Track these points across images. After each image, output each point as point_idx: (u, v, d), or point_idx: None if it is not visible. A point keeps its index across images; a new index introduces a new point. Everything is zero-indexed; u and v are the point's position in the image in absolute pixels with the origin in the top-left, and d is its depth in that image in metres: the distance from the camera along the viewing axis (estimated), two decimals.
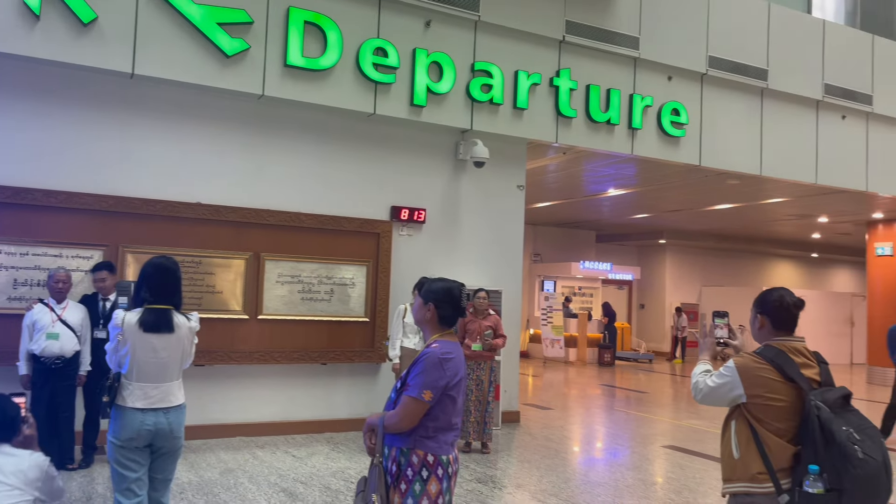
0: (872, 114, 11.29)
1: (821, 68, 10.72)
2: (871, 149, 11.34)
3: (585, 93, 8.81)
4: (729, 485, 2.70)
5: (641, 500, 5.65)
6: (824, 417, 2.47)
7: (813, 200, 12.79)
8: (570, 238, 19.22)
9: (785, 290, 2.82)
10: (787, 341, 2.73)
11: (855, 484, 2.39)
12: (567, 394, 11.86)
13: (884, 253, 14.61)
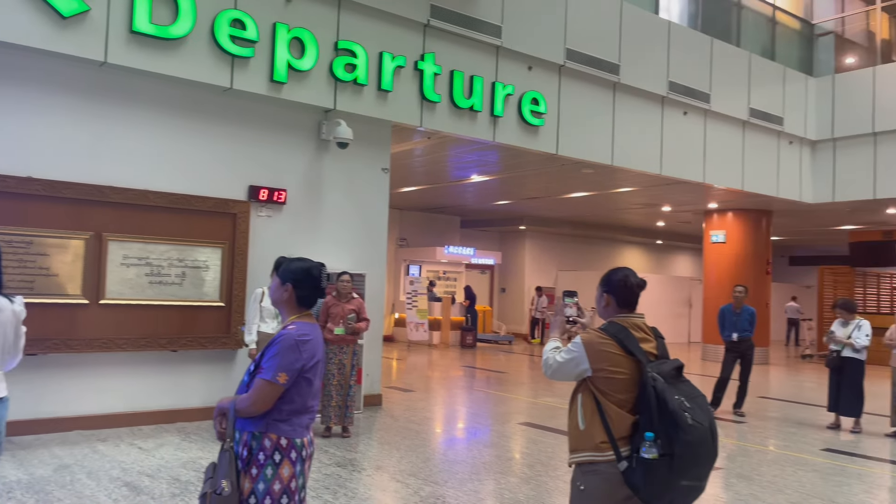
0: (710, 111, 12.25)
1: (666, 66, 11.47)
2: (709, 144, 12.31)
3: (449, 78, 8.89)
4: (575, 455, 2.82)
5: (498, 475, 5.83)
6: (659, 387, 2.63)
7: (658, 190, 13.71)
8: (435, 223, 19.45)
9: (629, 269, 2.96)
10: (629, 318, 2.88)
11: (685, 448, 2.55)
12: (430, 376, 12.02)
13: (717, 240, 15.97)
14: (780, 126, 13.33)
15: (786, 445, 7.50)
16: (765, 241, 15.90)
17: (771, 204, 14.72)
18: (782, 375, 14.04)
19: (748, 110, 12.79)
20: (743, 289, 9.18)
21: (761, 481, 5.95)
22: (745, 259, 15.54)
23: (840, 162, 13.71)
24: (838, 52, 14.88)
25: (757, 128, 13.08)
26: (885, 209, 14.96)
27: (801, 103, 13.80)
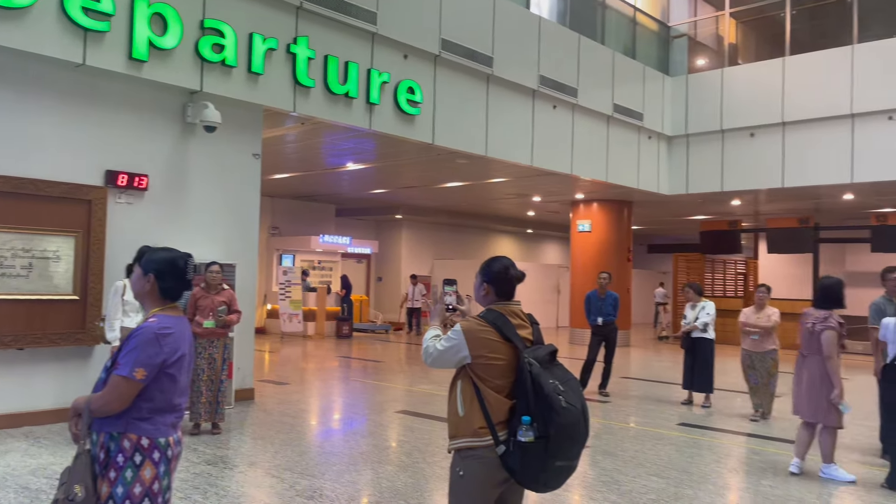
0: (578, 106, 12.77)
1: (537, 60, 11.83)
2: (576, 137, 12.84)
3: (324, 63, 8.69)
4: (454, 441, 2.84)
5: (375, 465, 5.81)
6: (535, 372, 2.70)
7: (529, 181, 14.15)
8: (309, 211, 19.05)
9: (508, 260, 3.02)
10: (506, 305, 2.94)
11: (559, 430, 2.64)
12: (305, 368, 11.79)
13: (584, 229, 16.74)
14: (641, 122, 14.14)
15: (646, 422, 8.00)
16: (626, 230, 16.84)
17: (632, 195, 15.60)
18: (642, 356, 14.97)
19: (612, 106, 13.46)
20: (607, 275, 9.67)
21: (624, 456, 6.31)
22: (609, 247, 16.40)
23: (692, 157, 14.74)
24: (691, 53, 15.97)
25: (620, 122, 13.80)
26: (731, 201, 16.27)
27: (658, 100, 14.70)
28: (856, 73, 12.59)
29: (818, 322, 5.79)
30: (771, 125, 13.56)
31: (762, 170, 13.70)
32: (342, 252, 19.20)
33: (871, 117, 12.44)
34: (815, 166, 13.09)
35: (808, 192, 14.54)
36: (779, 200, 16.31)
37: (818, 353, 5.74)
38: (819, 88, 13.00)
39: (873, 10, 13.95)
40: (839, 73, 12.78)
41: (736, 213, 18.92)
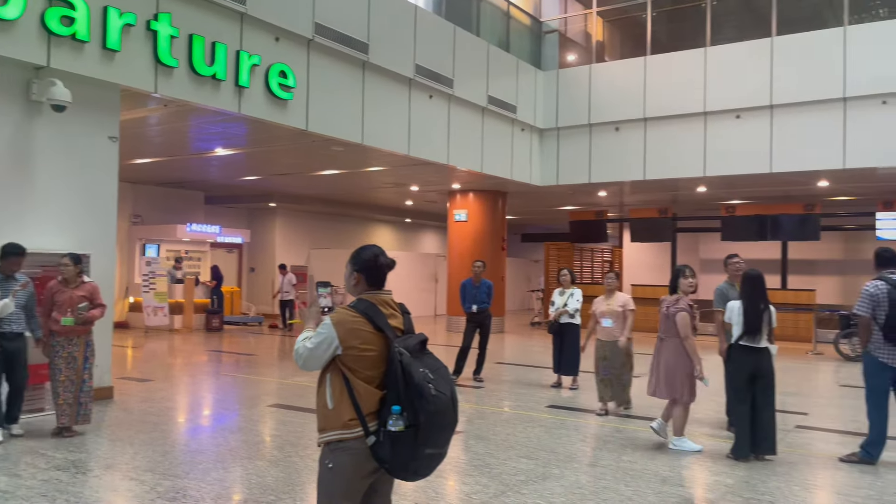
0: (454, 96, 12.90)
1: (413, 49, 11.82)
2: (452, 127, 12.98)
3: (188, 43, 8.24)
4: (323, 434, 2.79)
5: (245, 461, 5.61)
6: (405, 361, 2.69)
7: (406, 170, 14.16)
8: (176, 199, 18.09)
9: (378, 248, 2.98)
10: (377, 294, 2.90)
11: (429, 418, 2.65)
12: (171, 363, 11.22)
13: (460, 219, 16.99)
14: (514, 114, 14.50)
15: (517, 405, 8.25)
16: (501, 219, 17.26)
17: (506, 186, 16.00)
18: (516, 342, 15.43)
19: (487, 97, 13.71)
20: (481, 264, 9.86)
21: (496, 440, 6.47)
22: (484, 236, 16.75)
23: (563, 149, 15.31)
24: (562, 49, 16.54)
25: (494, 114, 14.08)
26: (598, 192, 17.06)
27: (531, 94, 15.13)
28: (708, 74, 13.53)
29: (671, 305, 6.23)
30: (634, 121, 14.32)
31: (626, 163, 14.45)
32: (212, 242, 18.40)
33: (721, 116, 13.42)
34: (672, 160, 13.96)
35: (667, 185, 15.50)
36: (641, 192, 17.28)
37: (675, 335, 6.17)
38: (676, 87, 13.86)
39: (725, 15, 15.04)
40: (694, 73, 13.68)
41: (603, 204, 19.87)
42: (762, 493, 5.04)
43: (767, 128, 12.99)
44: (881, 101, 11.97)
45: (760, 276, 6.06)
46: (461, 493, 5.00)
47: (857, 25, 12.65)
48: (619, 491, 5.05)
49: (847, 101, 12.27)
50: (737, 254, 7.07)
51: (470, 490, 5.05)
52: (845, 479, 5.46)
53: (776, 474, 5.49)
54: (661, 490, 5.07)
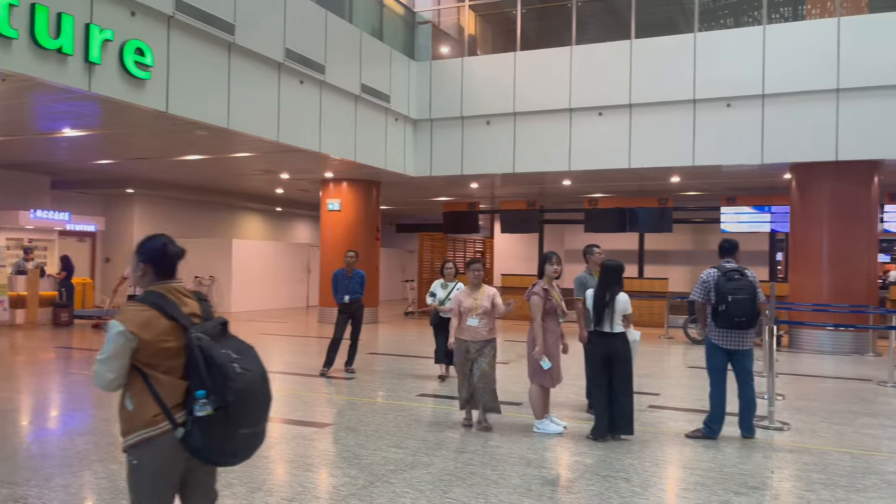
0: (325, 83, 12.64)
1: (283, 33, 11.46)
2: (324, 114, 12.72)
3: (30, 12, 7.52)
4: (128, 437, 2.68)
5: (95, 464, 5.23)
6: (205, 345, 2.62)
7: (276, 157, 13.74)
8: (17, 182, 16.56)
9: (167, 238, 2.88)
10: (166, 284, 2.81)
11: (237, 396, 2.59)
12: (11, 362, 10.28)
13: (333, 208, 16.74)
14: (388, 104, 14.44)
15: (389, 395, 8.25)
16: (375, 209, 17.18)
17: (380, 175, 15.92)
18: (390, 332, 15.44)
19: (360, 86, 13.55)
20: (354, 254, 9.76)
21: (366, 431, 6.43)
22: (358, 226, 16.61)
23: (436, 141, 15.44)
24: (435, 40, 16.64)
25: (368, 103, 13.95)
26: (470, 184, 17.37)
27: (404, 84, 15.13)
28: (573, 72, 14.09)
29: (528, 292, 6.48)
30: (504, 115, 14.67)
31: (497, 156, 14.79)
32: (60, 229, 17.01)
33: (585, 112, 14.03)
34: (540, 154, 14.44)
35: (535, 178, 16.03)
36: (511, 185, 17.78)
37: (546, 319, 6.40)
38: (544, 83, 14.33)
39: (589, 16, 15.71)
40: (560, 70, 14.20)
41: (475, 196, 20.26)
42: (618, 470, 5.33)
43: (626, 125, 13.73)
44: (726, 104, 12.97)
45: (618, 267, 6.40)
46: (329, 486, 4.93)
47: (705, 33, 13.61)
48: (486, 475, 5.17)
49: (696, 102, 13.19)
50: (597, 244, 7.42)
51: (338, 482, 4.98)
52: (691, 453, 5.88)
53: (631, 453, 5.83)
54: (525, 472, 5.24)
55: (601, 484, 5.01)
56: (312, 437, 6.23)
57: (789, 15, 15.58)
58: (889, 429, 6.88)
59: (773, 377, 7.06)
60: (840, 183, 12.75)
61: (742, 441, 6.25)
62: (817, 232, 12.98)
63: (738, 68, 12.88)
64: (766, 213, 16.15)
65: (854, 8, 13.90)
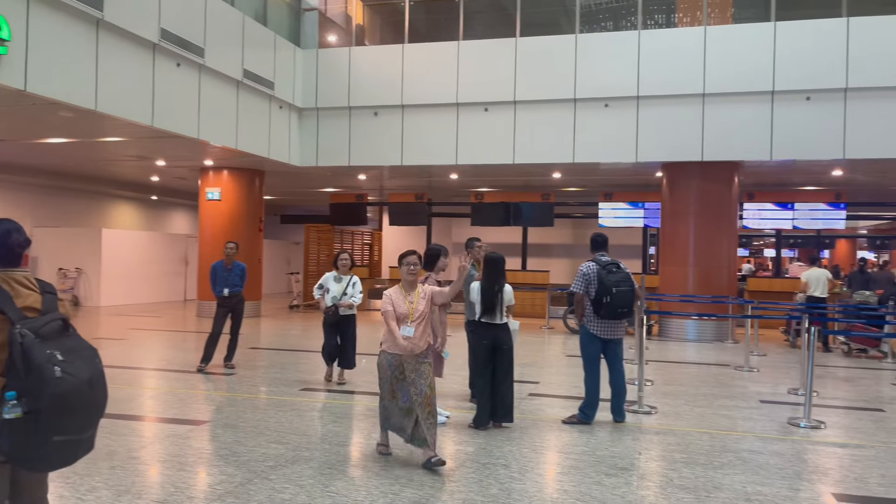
0: (205, 66, 12.10)
1: (157, 12, 10.85)
2: (203, 100, 12.18)
3: None
4: None
5: None
6: (27, 344, 2.49)
7: (151, 143, 13.02)
8: None
9: (11, 223, 2.73)
10: (8, 272, 2.67)
11: (52, 401, 2.46)
12: None
13: (213, 197, 16.09)
14: (272, 91, 14.03)
15: (271, 391, 8.04)
16: (258, 199, 16.67)
17: (263, 164, 15.46)
18: (273, 326, 15.05)
19: (242, 71, 13.08)
20: (234, 245, 9.42)
21: (245, 427, 6.24)
22: (240, 217, 16.07)
23: (322, 130, 15.17)
24: (322, 28, 16.31)
25: (250, 89, 13.49)
26: (358, 175, 17.21)
27: (290, 71, 14.75)
28: (461, 67, 14.25)
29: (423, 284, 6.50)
30: (392, 106, 14.62)
31: (385, 148, 14.73)
32: None
33: (472, 107, 14.23)
34: (428, 148, 14.52)
35: (423, 171, 16.11)
36: (399, 177, 17.77)
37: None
38: (432, 77, 14.40)
39: (477, 12, 15.92)
40: (447, 65, 14.32)
41: (363, 187, 20.10)
42: (497, 457, 5.46)
43: (511, 122, 14.06)
44: (604, 105, 13.55)
45: (501, 259, 6.54)
46: (204, 485, 4.75)
47: (586, 34, 14.15)
48: (368, 468, 5.15)
49: (577, 102, 13.70)
50: (479, 237, 7.56)
51: (214, 481, 4.81)
52: (567, 438, 6.12)
53: (510, 440, 5.99)
54: (408, 463, 5.26)
55: (481, 471, 5.11)
56: (187, 436, 5.97)
57: (663, 22, 16.47)
58: (743, 409, 7.45)
59: (642, 364, 7.48)
60: (705, 182, 13.65)
61: (614, 425, 6.58)
62: (684, 227, 13.84)
63: (615, 70, 13.48)
64: (639, 209, 17.06)
65: (720, 18, 14.91)
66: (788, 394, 8.33)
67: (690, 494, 4.71)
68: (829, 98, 12.46)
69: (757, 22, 13.23)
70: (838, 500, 4.68)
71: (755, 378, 9.45)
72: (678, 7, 15.98)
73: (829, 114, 12.46)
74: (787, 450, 5.87)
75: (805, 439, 6.25)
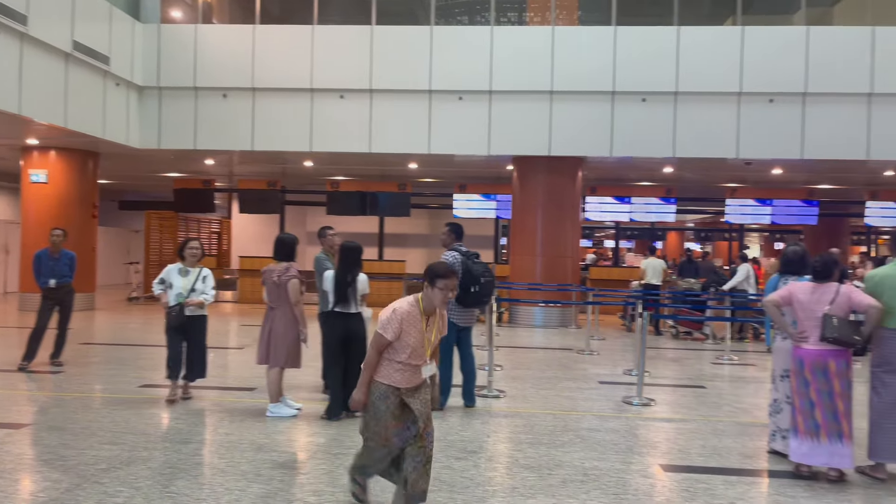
0: (27, 35, 10.95)
1: None
2: (26, 71, 11.02)
3: None
4: None
5: None
6: None
7: None
8: None
9: None
10: None
11: None
12: None
13: (38, 180, 14.64)
14: (107, 66, 12.97)
15: (105, 389, 7.47)
16: (92, 183, 15.39)
17: (98, 145, 14.29)
18: (108, 319, 13.99)
19: (72, 43, 11.97)
20: (61, 232, 8.63)
21: (74, 429, 5.74)
22: (70, 201, 14.74)
23: (165, 111, 14.25)
24: (165, 3, 15.28)
25: (82, 63, 12.39)
26: (205, 159, 16.37)
27: (128, 46, 13.72)
28: (315, 52, 13.92)
29: (282, 274, 6.31)
30: (242, 89, 14.02)
31: (234, 132, 14.10)
32: None
33: (327, 94, 13.94)
34: (281, 133, 14.07)
35: (275, 157, 15.60)
36: (250, 163, 17.11)
37: (286, 302, 6.26)
38: (285, 60, 13.96)
39: None
40: (302, 49, 13.93)
41: (211, 173, 19.16)
42: (350, 448, 5.40)
43: (368, 110, 13.94)
44: (458, 97, 13.79)
45: (355, 248, 6.46)
46: (26, 494, 4.31)
47: (442, 27, 14.31)
48: (213, 464, 4.92)
49: (432, 93, 13.83)
50: (331, 226, 7.43)
51: (36, 488, 4.38)
52: None
53: None
54: (255, 458, 5.08)
55: (332, 462, 5.04)
56: (5, 441, 5.40)
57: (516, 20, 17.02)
58: (584, 391, 7.90)
59: (492, 350, 7.71)
60: (552, 175, 14.30)
61: (465, 410, 6.73)
62: (533, 219, 14.43)
63: (469, 64, 13.75)
64: (492, 201, 17.57)
65: (568, 19, 15.64)
66: (624, 374, 8.94)
67: (534, 473, 4.91)
68: (663, 101, 13.47)
69: (600, 25, 14.02)
70: (665, 471, 5.08)
71: (595, 361, 10.05)
72: (529, 6, 16.59)
73: (662, 115, 13.48)
74: (621, 426, 6.29)
75: (637, 416, 6.73)
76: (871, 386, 5.05)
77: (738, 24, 13.79)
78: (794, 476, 4.96)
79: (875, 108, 13.09)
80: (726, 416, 6.81)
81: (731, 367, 9.84)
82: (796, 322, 5.09)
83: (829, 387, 4.85)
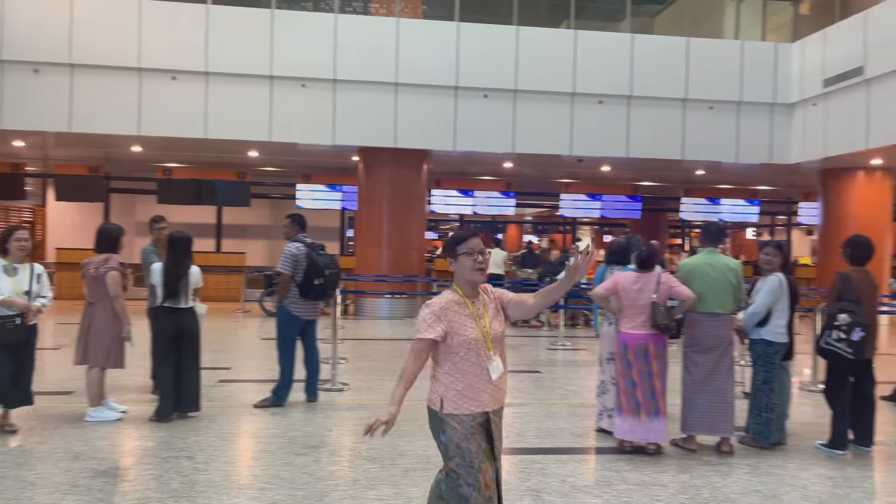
0: None
1: None
2: None
3: None
4: None
5: None
6: None
7: None
8: None
9: None
10: None
11: None
12: None
13: None
14: None
15: None
16: None
17: None
18: None
19: None
20: None
21: None
22: None
23: None
24: None
25: None
26: (13, 141, 14.74)
27: None
28: (143, 28, 12.93)
29: (100, 266, 5.82)
30: (58, 64, 12.71)
31: (48, 111, 12.76)
32: None
33: (157, 74, 13.01)
34: (104, 115, 12.92)
35: (98, 140, 14.35)
36: (69, 146, 15.63)
37: (106, 297, 5.77)
38: (108, 34, 12.82)
39: None
40: (128, 24, 12.87)
41: (22, 156, 17.27)
42: (181, 449, 5.09)
43: (203, 93, 13.18)
44: (301, 84, 13.41)
45: (185, 239, 6.08)
46: None
47: (284, 11, 13.84)
48: (19, 477, 4.42)
49: (273, 79, 13.33)
50: (163, 216, 6.97)
51: None
52: (258, 423, 5.95)
53: (196, 430, 5.63)
54: (72, 467, 4.64)
55: (161, 466, 4.72)
56: None
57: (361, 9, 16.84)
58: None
59: (336, 343, 7.60)
60: (398, 167, 14.32)
61: (307, 405, 6.57)
62: (378, 211, 14.39)
63: (312, 51, 13.41)
64: (338, 192, 17.31)
65: (412, 12, 15.73)
66: None
67: (376, 464, 4.89)
68: (503, 98, 13.92)
69: (444, 20, 14.22)
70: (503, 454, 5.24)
71: None
72: None
73: (503, 112, 13.93)
74: None
75: None
76: (684, 365, 5.53)
77: (571, 28, 14.56)
78: (618, 451, 5.32)
79: (689, 112, 14.37)
80: (559, 399, 7.19)
81: (565, 353, 10.40)
82: (622, 308, 5.45)
83: (649, 368, 5.25)
